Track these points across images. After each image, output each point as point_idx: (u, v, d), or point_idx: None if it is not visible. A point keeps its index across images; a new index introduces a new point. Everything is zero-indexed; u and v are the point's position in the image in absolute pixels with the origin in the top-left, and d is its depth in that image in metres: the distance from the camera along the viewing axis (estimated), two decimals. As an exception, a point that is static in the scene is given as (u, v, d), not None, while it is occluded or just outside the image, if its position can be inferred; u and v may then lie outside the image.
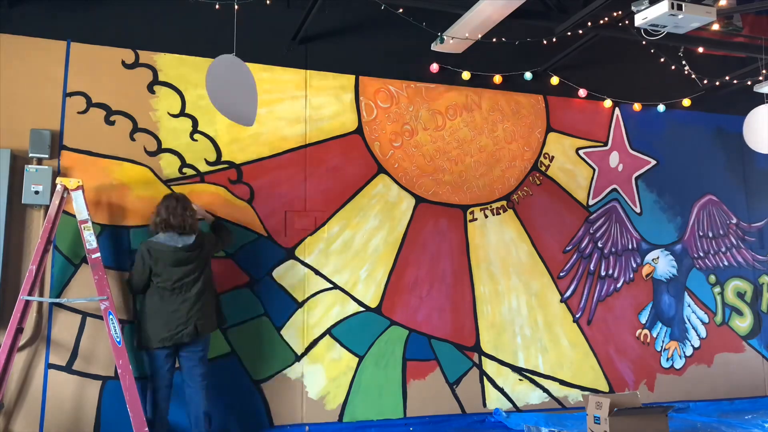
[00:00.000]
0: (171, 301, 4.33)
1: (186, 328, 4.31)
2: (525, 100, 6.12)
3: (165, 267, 4.33)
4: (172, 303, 4.33)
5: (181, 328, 4.30)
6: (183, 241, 4.40)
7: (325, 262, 5.28)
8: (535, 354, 5.79)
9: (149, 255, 4.34)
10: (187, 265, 4.39)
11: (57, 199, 4.37)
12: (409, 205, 5.61)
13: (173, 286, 4.34)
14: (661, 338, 6.26)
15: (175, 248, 4.35)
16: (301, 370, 5.10)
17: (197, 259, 4.44)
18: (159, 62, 5.05)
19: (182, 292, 4.36)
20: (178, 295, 4.35)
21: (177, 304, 4.33)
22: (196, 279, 4.41)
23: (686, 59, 6.38)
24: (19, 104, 4.66)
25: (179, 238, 4.39)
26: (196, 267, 4.43)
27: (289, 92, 5.38)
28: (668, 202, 6.53)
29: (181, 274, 4.35)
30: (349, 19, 5.61)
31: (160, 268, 4.33)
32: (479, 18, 5.01)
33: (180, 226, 4.38)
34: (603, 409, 4.45)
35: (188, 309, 4.34)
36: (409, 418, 5.29)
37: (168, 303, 4.33)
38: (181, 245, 4.37)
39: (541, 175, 6.08)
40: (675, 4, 4.32)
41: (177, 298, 4.34)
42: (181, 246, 4.37)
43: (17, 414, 4.39)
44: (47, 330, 4.54)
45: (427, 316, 5.50)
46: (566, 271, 6.01)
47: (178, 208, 4.41)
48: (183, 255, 4.37)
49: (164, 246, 4.35)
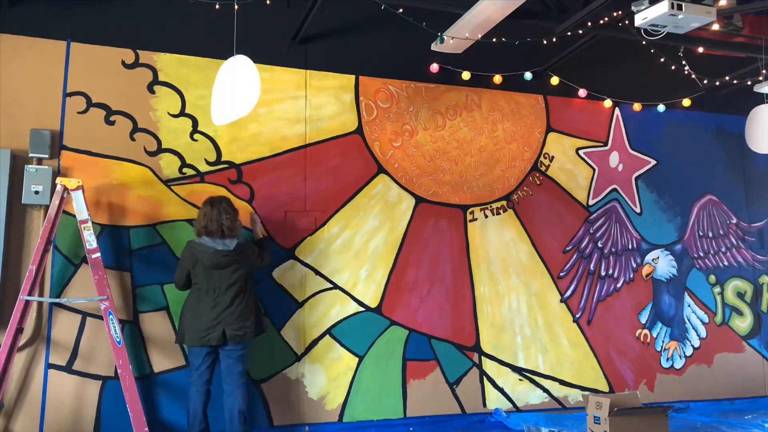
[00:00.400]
0: (204, 303, 4.32)
1: (214, 332, 4.27)
2: (525, 100, 6.13)
3: (203, 268, 4.33)
4: (204, 305, 4.31)
5: (210, 332, 4.27)
6: (224, 245, 4.38)
7: (325, 262, 5.28)
8: (535, 354, 5.79)
9: (191, 255, 4.36)
10: (225, 269, 4.36)
11: (57, 199, 4.37)
12: (409, 205, 5.61)
13: (207, 288, 4.33)
14: (661, 338, 6.26)
15: (215, 250, 4.34)
16: (301, 370, 5.10)
17: (235, 264, 4.40)
18: (159, 62, 5.05)
19: (216, 296, 4.33)
20: (213, 298, 4.32)
21: (209, 307, 4.30)
22: (232, 284, 4.37)
23: (686, 59, 6.38)
24: (19, 104, 4.66)
25: (221, 242, 4.38)
26: (233, 272, 4.39)
27: (289, 92, 5.38)
28: (668, 202, 6.53)
29: (217, 277, 4.34)
30: (349, 19, 5.61)
31: (198, 269, 4.34)
32: (479, 18, 5.00)
33: (218, 231, 4.38)
34: (603, 409, 4.44)
35: (218, 313, 4.29)
36: (409, 418, 5.29)
37: (201, 305, 4.32)
38: (221, 248, 4.36)
39: (541, 175, 6.08)
40: (675, 4, 4.31)
41: (210, 300, 4.32)
42: (221, 249, 4.36)
43: (17, 414, 4.39)
44: (47, 330, 4.54)
45: (427, 316, 5.50)
46: (566, 271, 6.02)
47: (213, 213, 4.41)
48: (222, 258, 4.35)
49: (205, 247, 4.35)
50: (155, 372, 4.72)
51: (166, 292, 4.81)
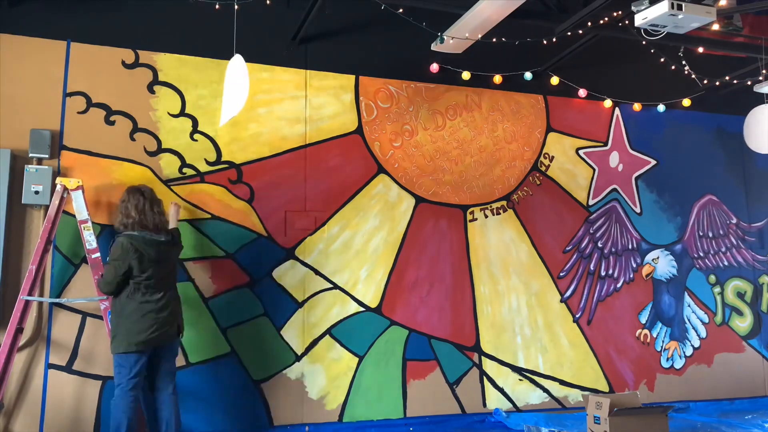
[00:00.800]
0: (149, 300, 3.99)
1: (161, 331, 4.00)
2: (525, 100, 6.12)
3: (150, 263, 4.01)
4: (150, 303, 3.99)
5: (157, 331, 3.97)
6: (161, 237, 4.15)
7: (325, 262, 5.28)
8: (535, 354, 5.79)
9: (133, 249, 3.97)
10: (166, 262, 4.15)
11: (57, 199, 4.37)
12: (409, 205, 5.61)
13: (150, 284, 4.01)
14: (661, 338, 6.26)
15: (159, 241, 4.10)
16: (301, 370, 5.10)
17: (173, 256, 4.28)
18: (159, 62, 5.05)
19: (161, 291, 4.06)
20: (158, 294, 4.03)
21: (155, 304, 4.00)
22: (170, 278, 4.19)
23: (686, 59, 6.38)
24: (19, 104, 4.66)
25: (156, 235, 4.12)
26: (170, 264, 4.21)
27: (289, 92, 5.38)
28: (668, 202, 6.53)
29: (160, 272, 4.07)
30: (349, 19, 5.61)
31: (145, 264, 3.99)
32: (479, 18, 5.00)
33: (155, 227, 4.11)
34: (603, 409, 4.44)
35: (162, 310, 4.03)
36: (409, 418, 5.29)
37: (146, 303, 3.98)
38: (163, 239, 4.15)
39: (541, 175, 6.08)
40: (675, 4, 4.31)
41: (155, 297, 4.02)
42: (164, 240, 4.14)
43: (17, 414, 4.40)
44: (47, 330, 4.54)
45: (427, 316, 5.50)
46: (566, 271, 6.02)
47: (146, 205, 4.13)
48: (164, 250, 4.14)
49: (149, 239, 4.05)
50: (155, 372, 4.72)
51: (166, 292, 4.80)
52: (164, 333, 4.03)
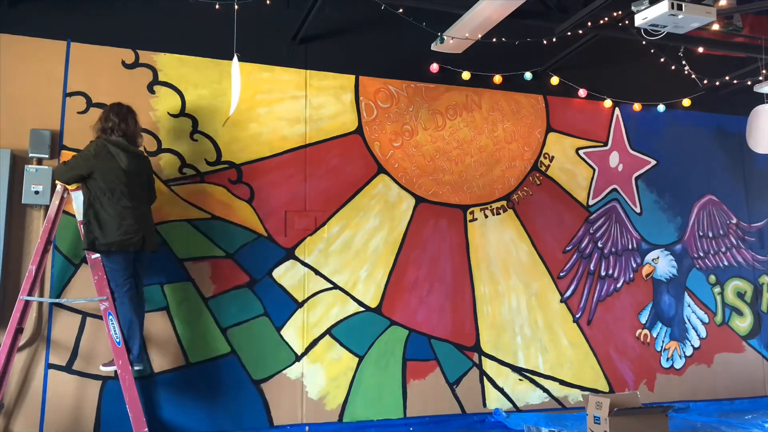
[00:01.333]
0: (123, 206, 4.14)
1: (137, 237, 4.17)
2: (525, 100, 6.12)
3: (120, 170, 4.16)
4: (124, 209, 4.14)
5: (134, 236, 4.15)
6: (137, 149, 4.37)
7: (325, 262, 5.28)
8: (535, 354, 5.79)
9: (106, 152, 4.15)
10: (139, 175, 4.31)
11: (57, 199, 4.37)
12: (409, 205, 5.61)
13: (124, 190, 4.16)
14: (661, 338, 6.26)
15: (134, 153, 4.28)
16: (301, 370, 5.10)
17: (145, 172, 4.40)
18: (159, 62, 5.05)
19: (134, 200, 4.21)
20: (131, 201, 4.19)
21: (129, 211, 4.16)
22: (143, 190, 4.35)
23: (686, 59, 6.38)
24: (19, 104, 4.66)
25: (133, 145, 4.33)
26: (143, 178, 4.36)
27: (289, 92, 5.38)
28: (668, 202, 6.53)
29: (134, 181, 4.23)
30: (349, 19, 5.61)
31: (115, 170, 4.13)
32: (479, 18, 5.00)
33: (132, 136, 4.32)
34: (603, 409, 4.44)
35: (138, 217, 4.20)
36: (409, 418, 5.29)
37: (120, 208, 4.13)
38: (137, 152, 4.33)
39: (541, 175, 6.08)
40: (675, 4, 4.31)
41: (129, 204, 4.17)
42: (138, 153, 4.34)
43: (17, 414, 4.40)
44: (47, 330, 4.54)
45: (427, 316, 5.50)
46: (566, 271, 6.02)
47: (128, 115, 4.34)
48: (137, 162, 4.29)
49: (125, 147, 4.21)
50: (155, 372, 4.72)
51: (166, 292, 4.81)
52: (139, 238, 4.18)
